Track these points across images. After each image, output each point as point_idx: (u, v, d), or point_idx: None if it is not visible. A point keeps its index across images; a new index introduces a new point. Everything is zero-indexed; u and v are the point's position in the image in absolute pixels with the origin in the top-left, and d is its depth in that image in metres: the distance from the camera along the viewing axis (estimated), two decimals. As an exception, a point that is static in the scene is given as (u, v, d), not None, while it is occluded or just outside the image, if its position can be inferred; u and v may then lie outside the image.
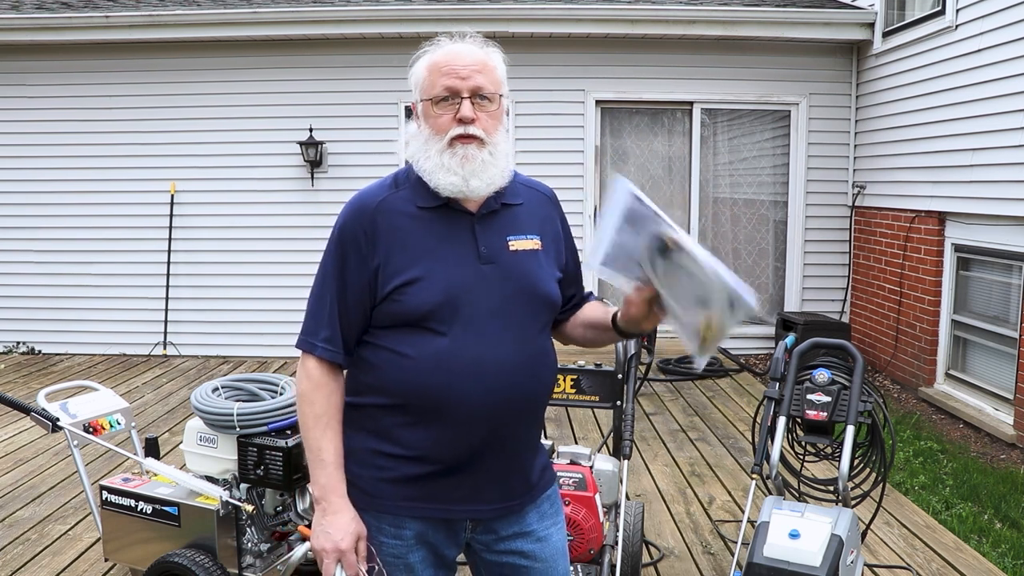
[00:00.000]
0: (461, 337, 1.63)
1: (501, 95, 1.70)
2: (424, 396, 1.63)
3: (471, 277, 1.66)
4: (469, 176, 1.64)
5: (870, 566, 3.58)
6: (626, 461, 3.05)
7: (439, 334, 1.63)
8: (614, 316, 1.79)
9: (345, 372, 1.76)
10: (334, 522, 1.67)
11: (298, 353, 1.74)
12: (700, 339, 1.63)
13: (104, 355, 7.81)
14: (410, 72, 1.72)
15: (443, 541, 1.74)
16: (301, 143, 7.52)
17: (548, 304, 1.76)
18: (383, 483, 1.69)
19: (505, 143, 1.71)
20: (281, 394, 2.95)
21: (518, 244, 1.72)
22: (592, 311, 1.91)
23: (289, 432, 2.79)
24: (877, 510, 3.34)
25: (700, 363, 1.74)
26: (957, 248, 6.22)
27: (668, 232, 1.59)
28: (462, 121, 1.64)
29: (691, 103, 7.77)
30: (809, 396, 2.94)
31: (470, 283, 1.65)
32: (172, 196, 7.72)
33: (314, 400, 1.69)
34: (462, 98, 1.64)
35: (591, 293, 1.99)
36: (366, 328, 1.70)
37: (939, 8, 6.23)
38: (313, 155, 7.53)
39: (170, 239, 7.75)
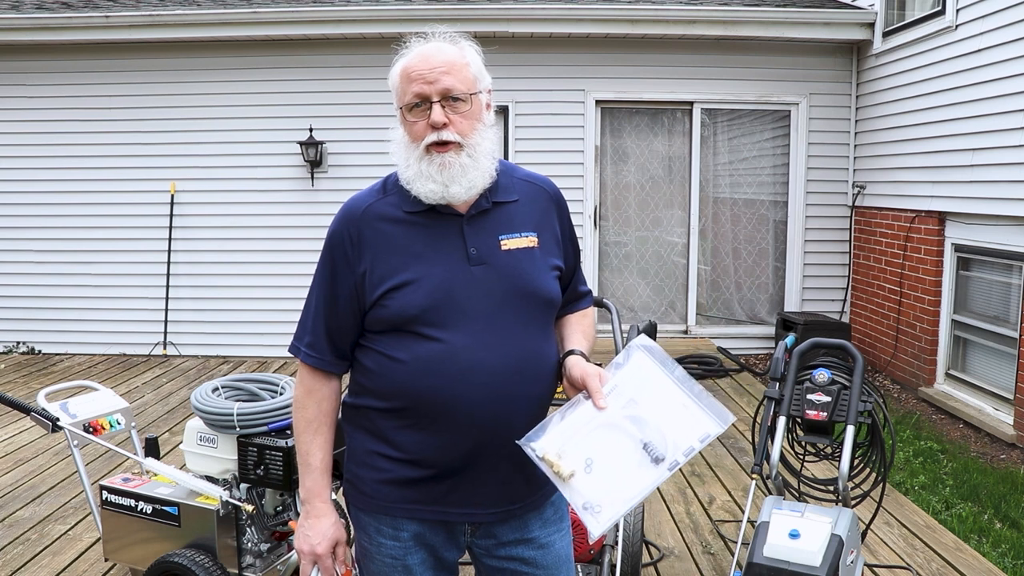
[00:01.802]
0: (453, 341, 1.61)
1: (475, 93, 1.65)
2: (417, 401, 1.62)
3: (461, 280, 1.63)
4: (449, 183, 1.62)
5: (870, 566, 3.58)
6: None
7: (431, 339, 1.61)
8: (568, 353, 1.77)
9: (346, 375, 1.76)
10: (314, 526, 1.70)
11: None
12: (547, 468, 1.59)
13: (104, 355, 7.81)
14: (388, 78, 1.70)
15: (442, 543, 1.73)
16: (301, 143, 7.52)
17: (545, 303, 1.72)
18: (381, 484, 1.69)
19: (487, 142, 1.67)
20: (281, 394, 2.95)
21: (511, 243, 1.69)
22: (570, 329, 1.86)
23: (289, 432, 2.79)
24: (877, 510, 3.34)
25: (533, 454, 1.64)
26: (957, 248, 6.22)
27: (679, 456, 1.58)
28: (434, 127, 1.62)
29: (691, 103, 7.77)
30: (809, 396, 2.93)
31: (460, 286, 1.63)
32: (172, 196, 7.72)
33: (306, 405, 1.72)
34: (432, 103, 1.62)
35: (589, 293, 1.96)
36: (360, 333, 1.70)
37: (939, 8, 6.23)
38: (313, 155, 7.53)
39: (170, 239, 7.75)
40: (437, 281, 1.62)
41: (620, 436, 1.60)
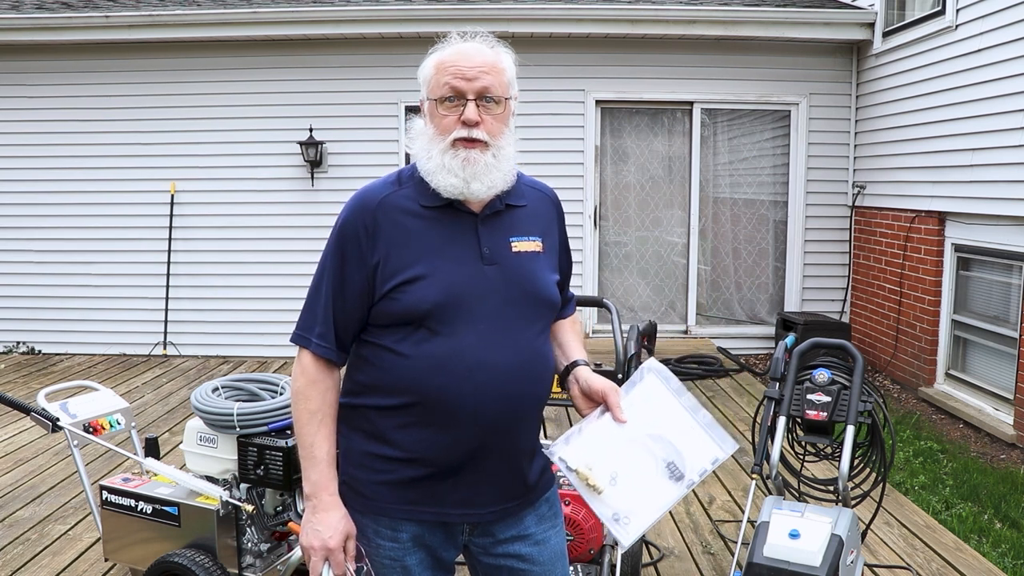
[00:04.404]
0: (461, 338, 1.61)
1: (508, 98, 1.68)
2: (423, 398, 1.62)
3: (474, 278, 1.64)
4: (470, 179, 1.62)
5: (870, 566, 3.58)
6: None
7: (438, 335, 1.61)
8: (573, 364, 1.82)
9: (343, 370, 1.75)
10: (324, 520, 1.66)
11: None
12: (579, 480, 1.66)
13: (104, 355, 7.81)
14: (420, 69, 1.70)
15: (441, 543, 1.73)
16: (301, 143, 7.52)
17: (548, 306, 1.75)
18: (379, 486, 1.68)
19: (510, 146, 1.68)
20: (281, 394, 2.95)
21: (520, 246, 1.71)
22: (567, 336, 1.88)
23: (289, 432, 2.79)
24: (877, 510, 3.34)
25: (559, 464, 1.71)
26: (957, 248, 6.22)
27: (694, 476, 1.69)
28: (466, 123, 1.62)
29: (691, 103, 7.77)
30: (809, 396, 2.93)
31: (472, 284, 1.64)
32: (172, 196, 7.72)
33: (309, 396, 1.68)
34: (467, 100, 1.62)
35: (573, 296, 1.98)
36: (364, 326, 1.69)
37: (939, 8, 6.23)
38: (313, 155, 7.53)
39: (170, 239, 7.75)
40: (451, 278, 1.63)
41: (643, 453, 1.69)
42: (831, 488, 3.12)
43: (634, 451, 1.67)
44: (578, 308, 2.05)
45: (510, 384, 1.64)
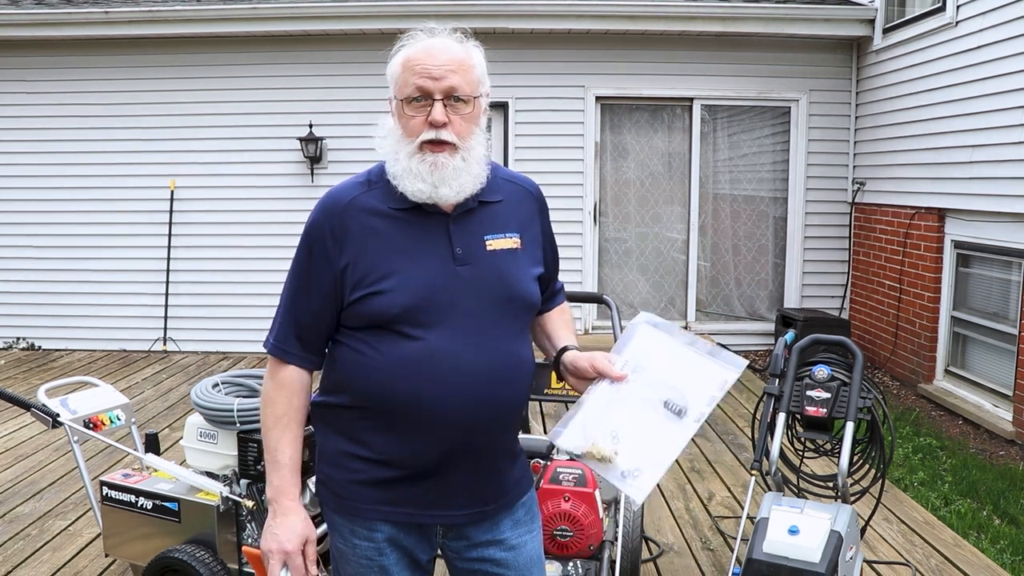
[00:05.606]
0: (434, 341, 1.58)
1: (477, 96, 1.62)
2: (394, 401, 1.59)
3: (445, 279, 1.60)
4: (439, 183, 1.58)
5: (869, 562, 3.58)
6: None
7: (411, 338, 1.58)
8: (562, 351, 1.77)
9: (316, 372, 1.73)
10: (282, 524, 1.65)
11: None
12: (589, 458, 1.60)
13: (104, 351, 7.81)
14: (387, 66, 1.66)
15: (416, 544, 1.70)
16: (301, 139, 7.51)
17: (526, 306, 1.70)
18: (353, 485, 1.66)
19: (480, 146, 1.64)
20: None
21: (496, 243, 1.66)
22: (555, 325, 1.85)
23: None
24: (876, 506, 3.34)
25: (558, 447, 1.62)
26: (957, 244, 6.23)
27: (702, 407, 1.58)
28: (433, 125, 1.58)
29: (691, 99, 7.77)
30: (809, 392, 2.94)
31: (444, 285, 1.60)
32: (172, 192, 7.72)
33: (275, 400, 1.68)
34: (434, 100, 1.58)
35: (562, 288, 1.94)
36: (336, 328, 1.67)
37: (939, 5, 6.22)
38: (313, 151, 7.53)
39: (170, 235, 7.75)
40: (421, 280, 1.59)
41: (638, 402, 1.61)
42: (830, 484, 3.12)
43: (629, 404, 1.60)
44: (579, 304, 2.02)
45: (482, 388, 1.61)
